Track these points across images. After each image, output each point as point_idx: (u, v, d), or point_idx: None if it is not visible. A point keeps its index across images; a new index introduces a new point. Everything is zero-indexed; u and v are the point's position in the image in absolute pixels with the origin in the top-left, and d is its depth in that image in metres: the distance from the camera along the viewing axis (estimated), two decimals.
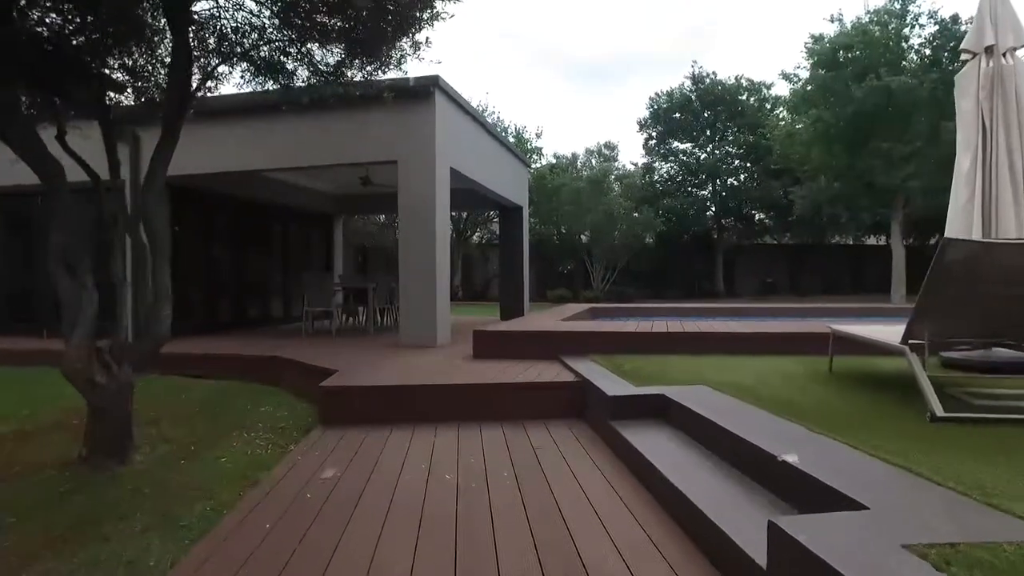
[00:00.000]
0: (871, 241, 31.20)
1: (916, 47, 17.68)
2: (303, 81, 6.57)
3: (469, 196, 14.40)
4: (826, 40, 18.16)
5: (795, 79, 19.30)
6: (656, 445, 4.20)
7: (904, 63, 17.01)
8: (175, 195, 10.61)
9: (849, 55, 17.26)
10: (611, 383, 5.37)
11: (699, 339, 7.14)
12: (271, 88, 7.80)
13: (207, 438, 5.45)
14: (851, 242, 31.73)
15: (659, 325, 8.10)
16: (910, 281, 20.13)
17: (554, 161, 28.35)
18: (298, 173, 13.20)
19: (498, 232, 16.73)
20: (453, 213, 28.18)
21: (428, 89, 8.86)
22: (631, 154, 61.10)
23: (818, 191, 20.55)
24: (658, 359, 6.71)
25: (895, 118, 17.28)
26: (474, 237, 29.86)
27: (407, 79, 8.87)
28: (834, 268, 30.28)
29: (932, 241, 26.52)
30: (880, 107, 16.90)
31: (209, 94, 6.76)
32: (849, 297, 25.75)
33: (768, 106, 27.42)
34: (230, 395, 7.20)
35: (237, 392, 7.38)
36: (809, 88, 18.04)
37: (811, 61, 18.59)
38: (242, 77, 6.56)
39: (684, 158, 28.33)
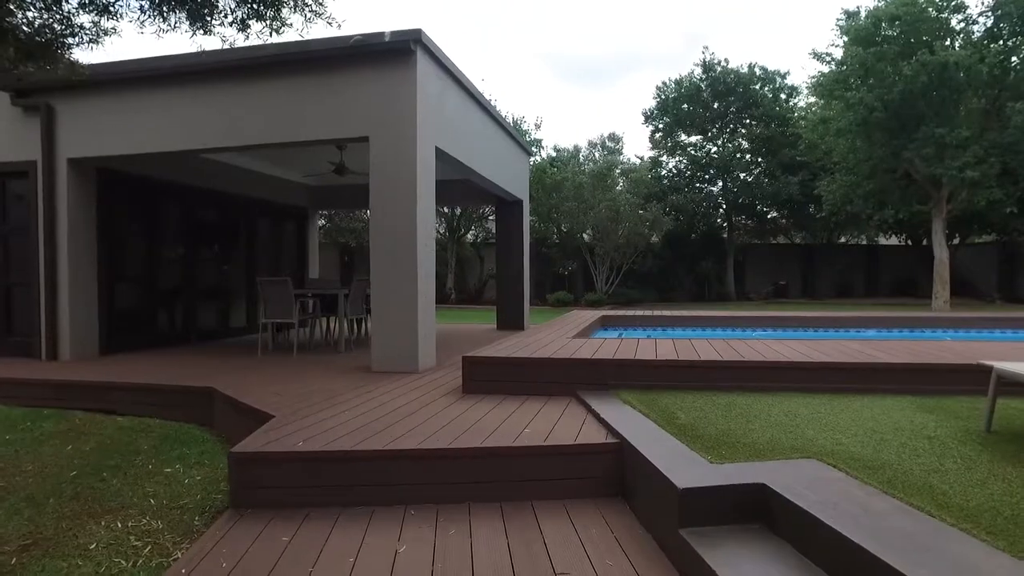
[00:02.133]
0: (884, 241, 29.56)
1: (972, 17, 15.89)
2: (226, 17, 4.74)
3: (461, 188, 12.62)
4: (863, 14, 16.35)
5: (827, 59, 17.51)
6: None
7: (956, 37, 15.16)
8: (106, 181, 8.78)
9: (892, 31, 15.43)
10: (668, 452, 3.56)
11: (765, 371, 5.33)
12: (203, 47, 6.05)
13: (58, 532, 3.62)
14: (864, 242, 30.10)
15: (702, 347, 6.29)
16: (954, 285, 18.30)
17: (554, 154, 26.53)
18: (261, 159, 11.36)
19: (494, 230, 14.98)
20: (445, 209, 26.38)
21: (407, 47, 7.04)
22: (636, 147, 59.32)
23: (853, 184, 18.71)
24: (716, 399, 4.90)
25: (947, 100, 15.49)
26: (469, 235, 28.04)
27: (381, 34, 7.05)
28: (848, 270, 28.64)
29: (979, 240, 24.78)
30: (931, 87, 15.10)
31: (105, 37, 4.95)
32: (871, 301, 24.07)
33: (783, 96, 25.62)
34: (134, 444, 5.36)
35: (148, 438, 5.54)
36: (844, 68, 16.21)
37: (844, 40, 16.78)
38: (141, 10, 4.72)
39: (693, 152, 26.53)
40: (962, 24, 15.77)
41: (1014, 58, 15.13)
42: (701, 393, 5.14)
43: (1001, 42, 15.03)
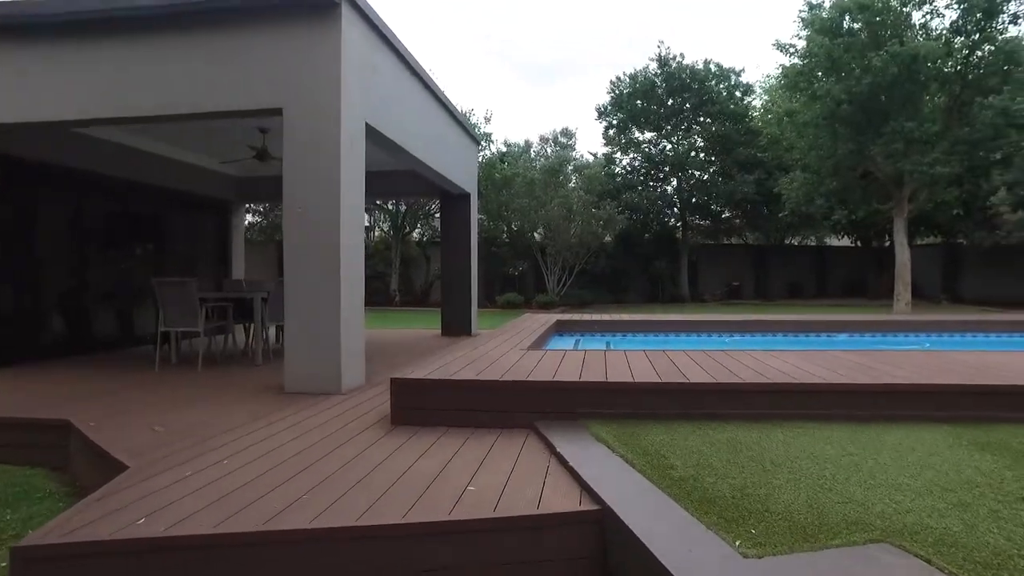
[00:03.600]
0: (833, 243, 29.62)
1: (939, 10, 15.50)
2: None
3: (403, 180, 11.42)
4: (827, 5, 15.76)
5: (791, 50, 16.94)
6: None
7: (918, 32, 14.76)
8: None
9: (856, 23, 14.89)
10: (676, 532, 2.48)
11: (768, 396, 4.32)
12: None
13: None
14: (814, 243, 30.12)
15: (683, 363, 5.27)
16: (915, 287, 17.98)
17: (505, 149, 25.43)
18: (169, 142, 9.87)
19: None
20: (389, 205, 25.00)
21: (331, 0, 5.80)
22: (590, 144, 58.68)
23: (815, 183, 18.18)
24: (713, 434, 3.86)
25: (914, 95, 15.03)
26: (414, 234, 26.71)
27: None
28: (798, 270, 28.55)
29: (923, 242, 24.79)
30: (900, 79, 14.60)
31: None
32: (823, 302, 23.82)
33: (739, 94, 25.15)
34: None
35: None
36: (809, 61, 15.60)
37: (806, 32, 16.20)
38: None
39: (648, 149, 25.83)
40: (926, 18, 15.45)
41: (979, 53, 14.85)
42: (693, 425, 4.08)
43: (964, 36, 14.71)
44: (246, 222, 26.84)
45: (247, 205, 24.28)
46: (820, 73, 15.55)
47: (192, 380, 6.67)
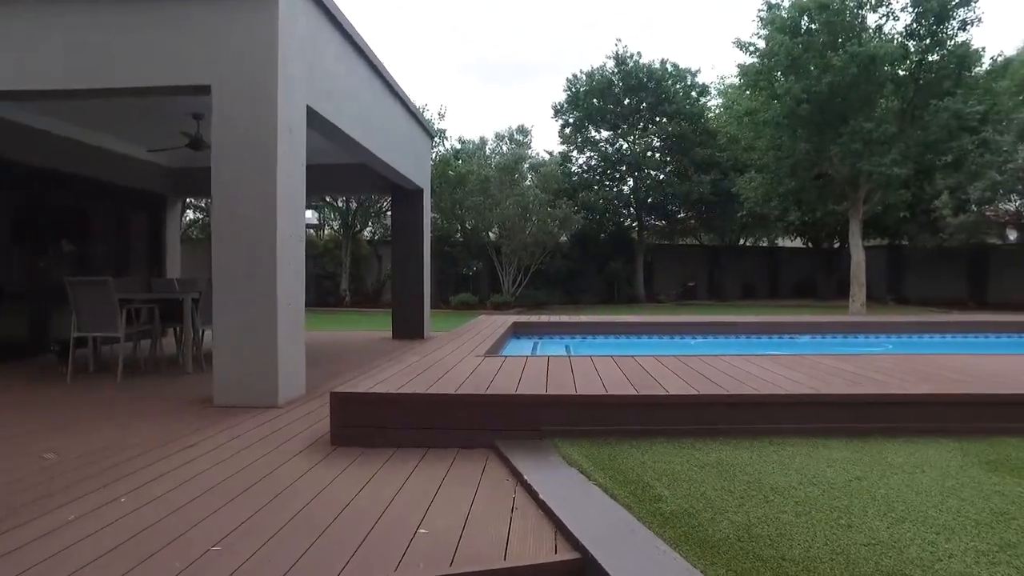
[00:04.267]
0: (784, 244, 30.01)
1: (895, 12, 15.61)
2: None
3: (354, 174, 10.76)
4: (786, 5, 15.72)
5: (751, 48, 16.85)
6: None
7: (872, 35, 14.86)
8: None
9: (814, 24, 14.86)
10: None
11: (756, 409, 3.90)
12: None
13: None
14: (766, 244, 30.46)
15: (658, 371, 4.84)
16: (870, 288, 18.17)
17: (459, 146, 24.81)
18: (87, 126, 8.98)
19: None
20: (340, 202, 24.10)
21: None
22: (546, 142, 58.47)
23: (774, 182, 18.18)
24: (700, 455, 3.41)
25: (872, 96, 15.11)
26: (366, 232, 25.84)
27: None
28: (751, 271, 28.79)
29: (868, 244, 25.17)
30: (859, 79, 14.61)
31: None
32: (776, 303, 24.00)
33: (695, 94, 25.14)
34: None
35: None
36: (770, 60, 15.50)
37: (766, 31, 16.13)
38: None
39: (605, 147, 25.57)
40: (882, 20, 15.58)
41: (932, 57, 15.04)
42: (675, 444, 3.64)
43: (917, 40, 14.87)
44: (188, 218, 25.70)
45: (189, 200, 23.21)
46: (779, 72, 15.51)
47: (107, 394, 5.94)
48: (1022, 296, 20.24)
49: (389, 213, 23.81)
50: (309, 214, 29.08)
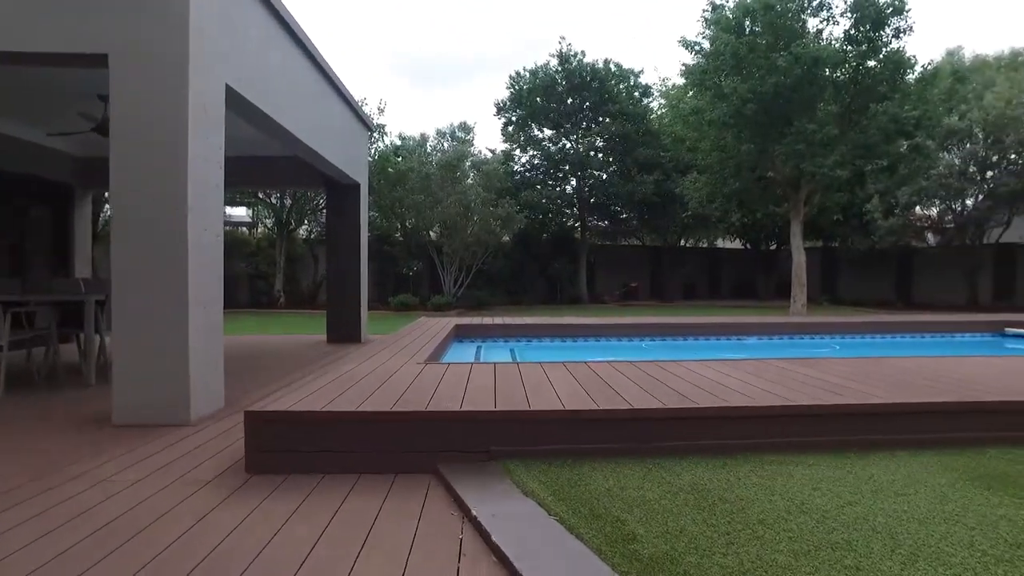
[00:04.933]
0: (724, 245, 30.49)
1: (835, 17, 15.86)
2: None
3: (286, 168, 10.09)
4: (730, 5, 15.77)
5: (697, 48, 16.83)
6: None
7: (813, 40, 15.05)
8: None
9: (757, 25, 14.94)
10: None
11: (729, 424, 3.54)
12: None
13: None
14: (705, 245, 30.86)
15: (619, 382, 4.44)
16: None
17: (399, 143, 24.08)
18: None
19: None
20: (274, 199, 23.02)
21: None
22: (489, 141, 57.92)
23: (718, 183, 18.27)
24: (672, 478, 3.01)
25: (815, 98, 15.30)
26: (301, 230, 24.78)
27: None
28: (692, 272, 29.09)
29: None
30: (803, 81, 14.75)
31: None
32: (718, 303, 24.26)
33: (637, 95, 25.14)
34: None
35: None
36: (716, 60, 15.48)
37: (709, 31, 16.14)
38: None
39: (548, 146, 25.29)
40: (823, 24, 15.81)
41: (870, 62, 15.35)
42: (642, 464, 3.23)
43: (855, 45, 15.14)
44: (108, 213, 24.07)
45: (105, 194, 21.69)
46: (725, 72, 15.54)
47: None
48: (943, 296, 21.08)
49: (325, 209, 22.90)
50: (241, 211, 27.80)
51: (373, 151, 22.78)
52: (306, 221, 24.88)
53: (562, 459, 3.32)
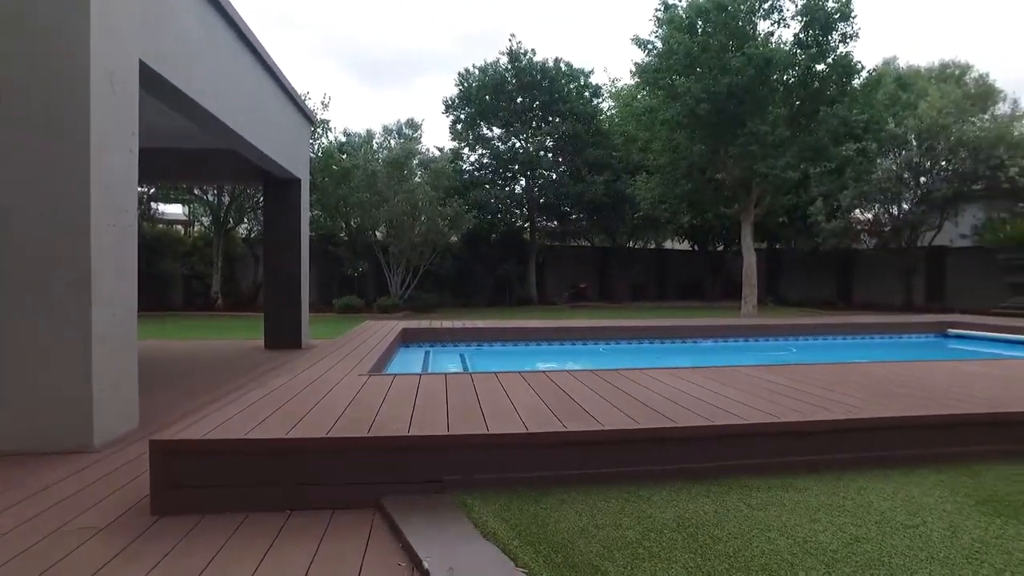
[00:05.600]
0: (671, 246, 30.72)
1: (786, 20, 15.96)
2: None
3: (219, 162, 9.44)
4: (683, 5, 15.70)
5: (650, 47, 16.69)
6: None
7: (763, 43, 15.13)
8: None
9: (710, 26, 14.89)
10: None
11: (711, 444, 3.18)
12: None
13: None
14: (653, 246, 31.03)
15: (583, 395, 4.05)
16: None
17: (344, 139, 23.25)
18: None
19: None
20: (211, 195, 21.90)
21: None
22: (437, 139, 57.06)
23: (670, 183, 18.22)
24: (655, 511, 2.62)
25: (766, 100, 15.35)
26: (240, 228, 23.67)
27: None
28: (641, 273, 29.18)
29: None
30: (756, 81, 14.75)
31: None
32: (666, 304, 24.31)
33: (587, 95, 24.98)
34: None
35: None
36: (669, 60, 15.35)
37: (661, 31, 16.02)
38: None
39: (497, 145, 24.88)
40: (774, 27, 15.94)
41: (819, 66, 15.52)
42: (619, 494, 2.84)
43: (804, 49, 15.28)
44: None
45: None
46: (678, 72, 15.46)
47: None
48: (881, 297, 21.68)
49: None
50: (177, 209, 26.45)
51: (316, 147, 21.95)
52: (246, 219, 23.79)
53: (526, 489, 2.91)
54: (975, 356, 9.62)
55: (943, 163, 18.28)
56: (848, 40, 15.43)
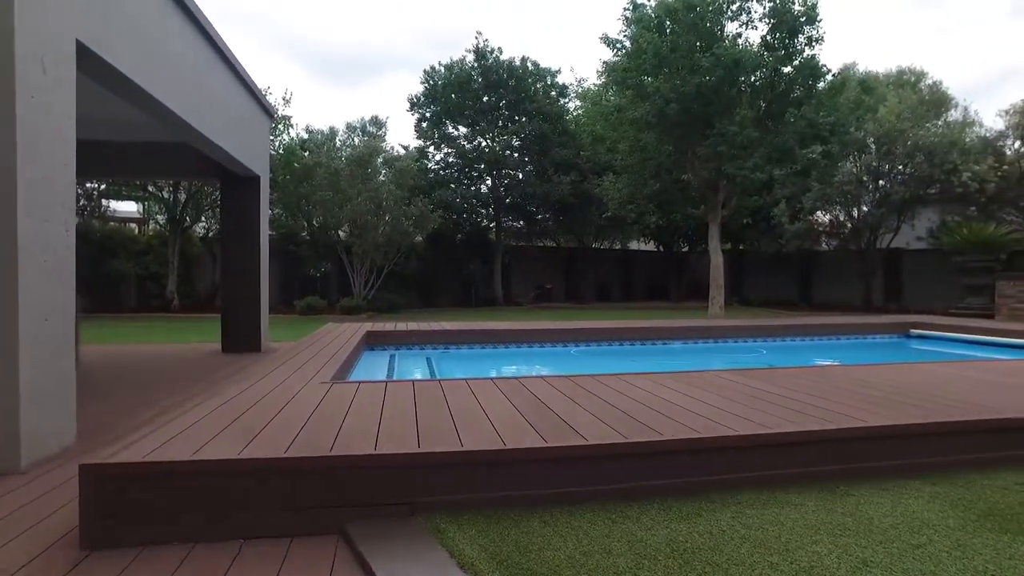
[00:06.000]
0: (637, 247, 30.84)
1: (753, 22, 16.01)
2: None
3: (172, 156, 9.02)
4: (651, 4, 15.65)
5: (619, 46, 16.58)
6: None
7: (728, 45, 15.16)
8: None
9: (677, 25, 14.86)
10: None
11: (694, 458, 2.99)
12: None
13: None
14: (618, 247, 31.09)
15: (553, 398, 3.83)
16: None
17: (306, 136, 22.67)
18: None
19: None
20: (163, 191, 21.11)
21: None
22: (402, 137, 56.20)
23: (639, 184, 18.17)
24: (645, 534, 2.40)
25: (734, 101, 15.38)
26: (198, 227, 22.90)
27: None
28: (606, 274, 29.21)
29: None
30: (726, 81, 14.74)
31: None
32: (632, 305, 24.33)
33: (554, 94, 24.84)
34: None
35: None
36: (638, 59, 15.26)
37: (630, 30, 15.93)
38: None
39: (463, 144, 24.56)
40: (742, 28, 15.99)
41: (786, 68, 15.62)
42: (606, 514, 2.62)
43: (771, 51, 15.37)
44: None
45: None
46: (647, 71, 15.40)
47: None
48: (841, 297, 22.07)
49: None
50: (130, 206, 25.50)
51: (277, 143, 21.36)
52: (204, 217, 23.03)
53: (505, 511, 2.66)
54: (939, 356, 9.74)
55: (900, 167, 18.66)
56: (814, 43, 15.58)
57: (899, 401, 3.85)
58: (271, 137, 21.08)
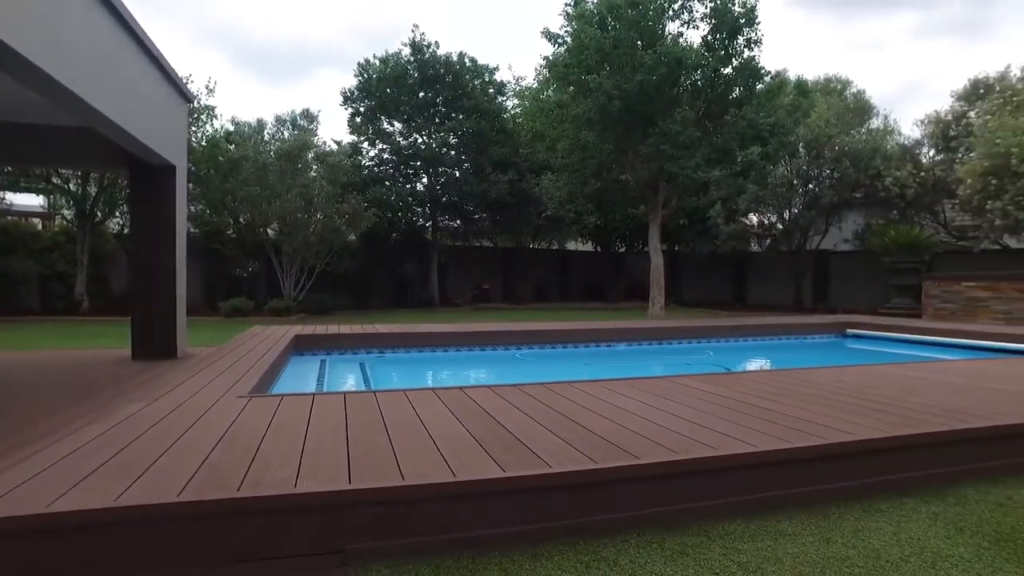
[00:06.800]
0: (574, 247, 30.84)
1: (695, 21, 15.98)
2: None
3: (80, 143, 8.13)
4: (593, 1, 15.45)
5: (561, 41, 16.28)
6: None
7: (670, 41, 15.13)
8: None
9: (619, 23, 14.69)
10: None
11: (672, 480, 2.61)
12: None
13: None
14: (556, 247, 31.02)
15: (507, 414, 3.41)
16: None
17: (232, 128, 21.46)
18: None
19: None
20: (71, 185, 19.56)
21: None
22: (334, 132, 54.56)
23: (579, 183, 17.97)
24: (613, 570, 2.03)
25: (676, 100, 15.32)
26: (111, 223, 21.33)
27: None
28: (544, 274, 29.07)
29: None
30: (668, 79, 14.62)
31: None
32: (570, 305, 24.20)
33: (492, 91, 24.40)
34: None
35: None
36: (580, 55, 14.98)
37: (571, 26, 15.67)
38: None
39: (399, 141, 23.81)
40: (683, 27, 15.99)
41: (726, 69, 15.70)
42: (575, 556, 2.20)
43: (711, 52, 15.43)
44: None
45: None
46: (589, 67, 15.18)
47: None
48: (772, 298, 22.62)
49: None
50: (33, 199, 23.57)
51: (200, 135, 20.12)
52: (117, 212, 21.49)
53: (455, 556, 2.22)
54: (876, 356, 9.88)
55: (828, 171, 19.22)
56: (753, 45, 15.75)
57: (874, 409, 3.60)
58: (192, 128, 19.83)
